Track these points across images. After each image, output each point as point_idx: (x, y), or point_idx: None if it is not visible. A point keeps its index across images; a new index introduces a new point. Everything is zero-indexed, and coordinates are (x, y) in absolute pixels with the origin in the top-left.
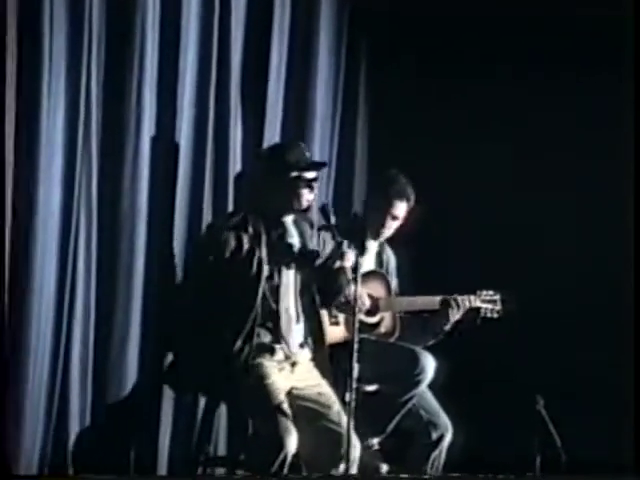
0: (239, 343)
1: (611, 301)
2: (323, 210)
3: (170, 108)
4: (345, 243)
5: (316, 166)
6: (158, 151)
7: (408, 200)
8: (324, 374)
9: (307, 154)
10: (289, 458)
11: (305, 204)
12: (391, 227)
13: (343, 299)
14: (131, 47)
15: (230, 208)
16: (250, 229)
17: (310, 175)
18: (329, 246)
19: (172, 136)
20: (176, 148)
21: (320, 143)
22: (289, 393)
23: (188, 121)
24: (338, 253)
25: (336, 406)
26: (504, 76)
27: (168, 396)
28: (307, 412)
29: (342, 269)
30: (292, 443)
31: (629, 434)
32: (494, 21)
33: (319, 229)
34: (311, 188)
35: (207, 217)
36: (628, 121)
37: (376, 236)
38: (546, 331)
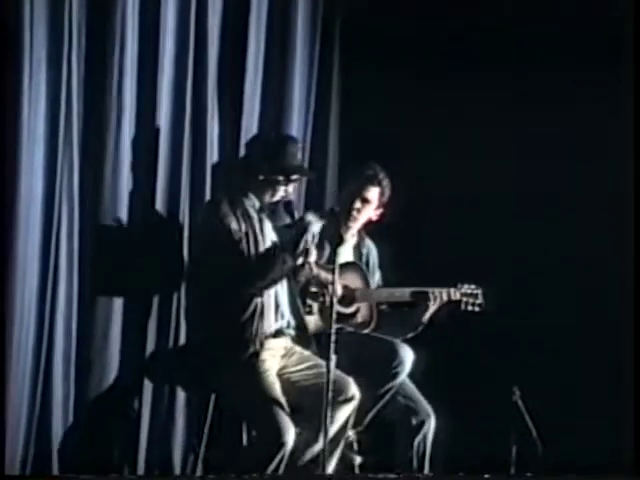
0: (250, 328)
1: (602, 297)
2: (287, 207)
3: (149, 99)
4: (308, 239)
5: (303, 172)
6: (138, 142)
7: (380, 184)
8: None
9: (299, 156)
10: (287, 454)
11: (280, 198)
12: (362, 211)
13: (314, 289)
14: (111, 39)
15: (207, 198)
16: (251, 211)
17: (294, 177)
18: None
19: (152, 127)
20: (156, 139)
21: (296, 133)
22: (279, 375)
23: (167, 112)
24: (301, 249)
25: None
26: (496, 72)
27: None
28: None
29: (307, 264)
30: (290, 439)
31: (629, 434)
32: (488, 18)
33: (285, 226)
34: (291, 183)
35: (185, 206)
36: (628, 121)
37: (347, 220)
38: (526, 325)
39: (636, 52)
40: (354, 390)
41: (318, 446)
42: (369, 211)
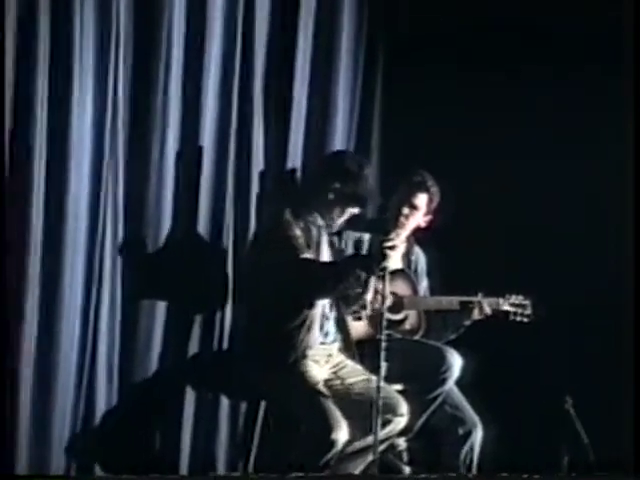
0: (297, 337)
1: (611, 299)
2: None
3: (194, 107)
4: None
5: (374, 199)
6: (183, 150)
7: (428, 191)
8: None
9: (371, 181)
10: (340, 448)
11: (343, 220)
12: (410, 218)
13: (361, 299)
14: (157, 50)
15: (253, 207)
16: (311, 227)
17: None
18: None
19: (196, 135)
20: (200, 147)
21: (340, 139)
22: (328, 387)
23: (212, 120)
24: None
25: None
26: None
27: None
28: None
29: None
30: (342, 436)
31: (629, 434)
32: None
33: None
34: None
35: (229, 216)
36: (628, 121)
37: (396, 227)
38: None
39: (636, 52)
40: (404, 409)
41: (367, 455)
42: (417, 218)
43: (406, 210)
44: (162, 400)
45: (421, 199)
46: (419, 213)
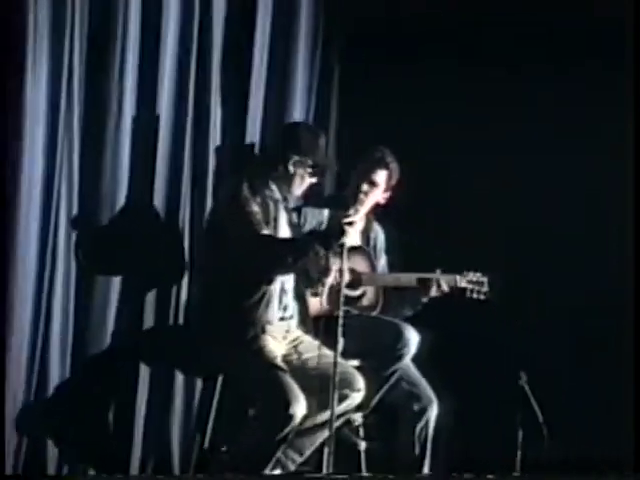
0: (256, 313)
1: (608, 288)
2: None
3: (151, 81)
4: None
5: (330, 167)
6: (139, 124)
7: (387, 167)
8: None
9: (325, 150)
10: (298, 422)
11: (300, 192)
12: (370, 194)
13: (319, 275)
14: (113, 22)
15: (210, 182)
16: (269, 201)
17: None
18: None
19: (153, 109)
20: (156, 121)
21: (299, 115)
22: (286, 362)
23: (168, 95)
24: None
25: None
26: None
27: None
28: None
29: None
30: (299, 410)
31: (629, 434)
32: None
33: (297, 225)
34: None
35: (186, 191)
36: (628, 121)
37: (355, 203)
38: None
39: (637, 49)
40: (361, 384)
41: (324, 430)
42: (377, 194)
43: (365, 187)
44: (116, 376)
45: (380, 175)
46: (378, 190)
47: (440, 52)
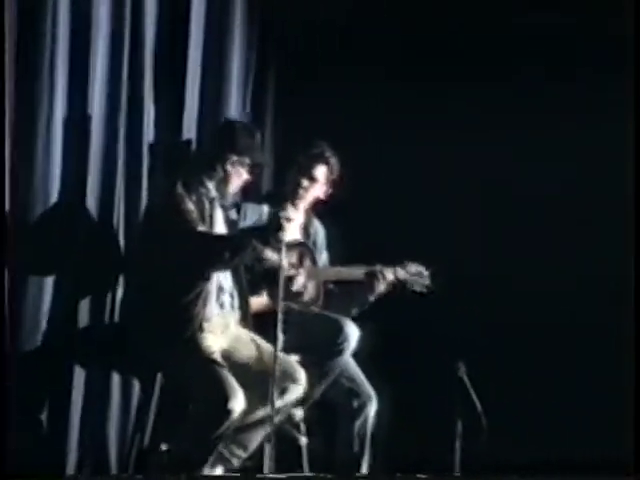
0: (193, 310)
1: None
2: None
3: (82, 76)
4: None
5: (262, 162)
6: (71, 122)
7: (327, 162)
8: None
9: (258, 146)
10: (236, 417)
11: (235, 189)
12: (310, 190)
13: (262, 269)
14: (43, 18)
15: (144, 180)
16: (204, 200)
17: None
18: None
19: (84, 104)
20: (89, 118)
21: (235, 110)
22: (225, 357)
23: (101, 90)
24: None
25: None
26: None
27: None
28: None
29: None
30: (237, 406)
31: (629, 434)
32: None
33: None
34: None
35: (120, 188)
36: (628, 121)
37: (295, 198)
38: (472, 303)
39: (637, 53)
40: (302, 376)
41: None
42: (317, 189)
43: (305, 182)
44: (50, 376)
45: (320, 171)
46: (318, 185)
47: (378, 44)
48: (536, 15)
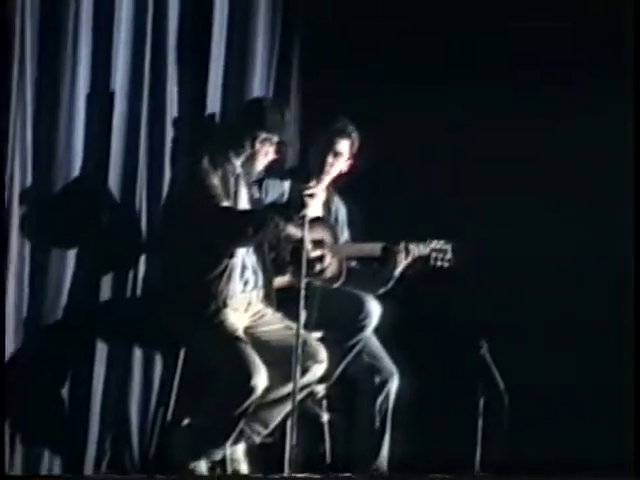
0: (217, 287)
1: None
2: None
3: (106, 53)
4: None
5: (287, 139)
6: (93, 95)
7: (349, 136)
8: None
9: (286, 123)
10: (259, 394)
11: (261, 167)
12: (334, 165)
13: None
14: None
15: (167, 154)
16: (229, 176)
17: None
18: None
19: (107, 82)
20: (112, 94)
21: (259, 86)
22: (249, 334)
23: (124, 65)
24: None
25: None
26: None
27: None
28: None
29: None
30: (260, 383)
31: (629, 434)
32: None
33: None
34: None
35: (143, 164)
36: (628, 121)
37: (320, 174)
38: (495, 280)
39: (637, 53)
40: (323, 355)
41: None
42: (341, 164)
43: (330, 158)
44: (72, 350)
45: (344, 145)
46: (342, 159)
47: (404, 20)
48: (536, 17)
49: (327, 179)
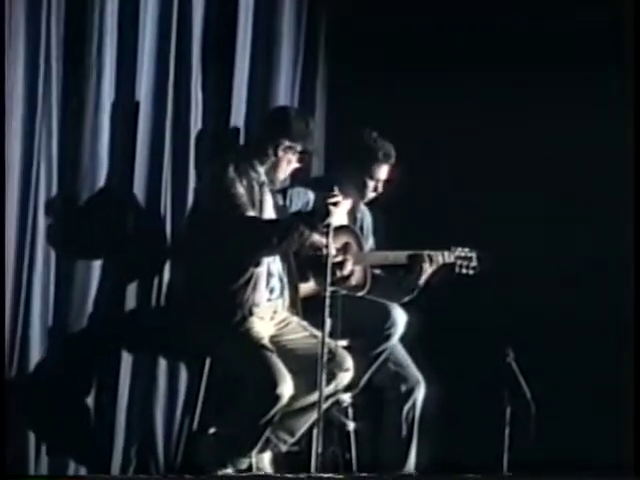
0: (243, 295)
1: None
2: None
3: (130, 61)
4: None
5: (312, 148)
6: (118, 104)
7: (391, 162)
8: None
9: (310, 134)
10: (284, 402)
11: (286, 175)
12: (372, 188)
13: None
14: (91, 3)
15: (191, 162)
16: (254, 184)
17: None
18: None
19: (132, 90)
20: (136, 102)
21: (284, 95)
22: (274, 343)
23: (148, 76)
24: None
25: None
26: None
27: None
28: (289, 353)
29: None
30: (286, 391)
31: (629, 434)
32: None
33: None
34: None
35: (167, 172)
36: (628, 121)
37: (361, 198)
38: (521, 288)
39: (636, 53)
40: (349, 364)
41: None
42: (379, 187)
43: (371, 183)
44: (97, 360)
45: (384, 171)
46: (381, 183)
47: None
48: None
49: (366, 199)
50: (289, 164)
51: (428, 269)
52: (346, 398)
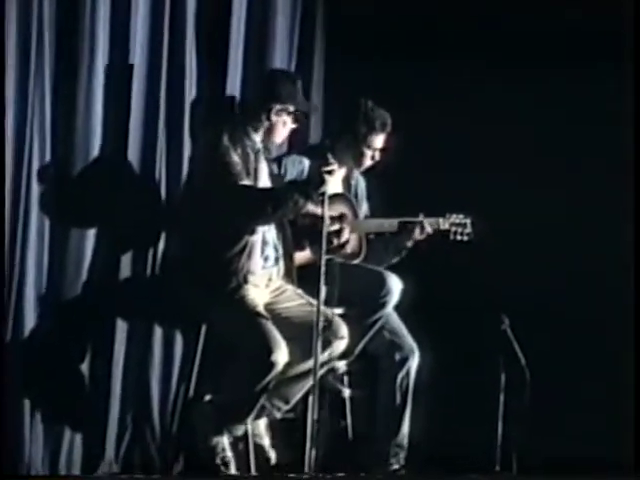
0: (238, 263)
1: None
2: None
3: (123, 29)
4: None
5: (305, 110)
6: (112, 71)
7: (387, 131)
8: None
9: (300, 95)
10: (279, 369)
11: (280, 141)
12: (370, 157)
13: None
14: None
15: (185, 131)
16: (249, 152)
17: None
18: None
19: (125, 59)
20: (130, 68)
21: (280, 60)
22: (269, 310)
23: (142, 42)
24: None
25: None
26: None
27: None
28: (284, 321)
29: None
30: (281, 358)
31: (629, 434)
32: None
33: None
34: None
35: (162, 140)
36: (628, 121)
37: (358, 166)
38: (516, 256)
39: (637, 52)
40: (344, 331)
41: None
42: (376, 155)
43: (368, 152)
44: (92, 328)
45: (381, 140)
46: (378, 151)
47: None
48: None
49: (363, 168)
50: (284, 126)
51: (420, 235)
52: (341, 366)
